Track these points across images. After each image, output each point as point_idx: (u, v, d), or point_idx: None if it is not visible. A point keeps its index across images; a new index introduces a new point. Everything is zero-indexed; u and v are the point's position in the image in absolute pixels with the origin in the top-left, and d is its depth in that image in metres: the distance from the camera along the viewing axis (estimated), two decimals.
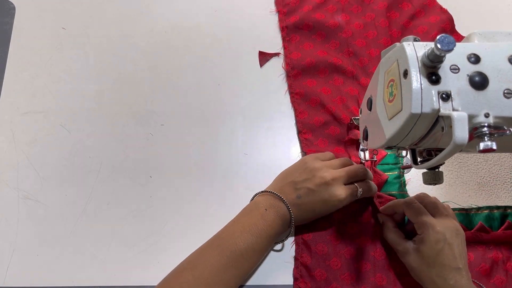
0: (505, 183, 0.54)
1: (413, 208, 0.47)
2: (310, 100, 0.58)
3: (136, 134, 0.57)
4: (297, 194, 0.48)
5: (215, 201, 0.54)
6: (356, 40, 0.61)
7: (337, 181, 0.48)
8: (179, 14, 0.63)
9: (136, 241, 0.52)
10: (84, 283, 0.50)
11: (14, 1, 0.64)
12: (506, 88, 0.34)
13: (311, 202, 0.48)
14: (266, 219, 0.47)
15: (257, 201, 0.49)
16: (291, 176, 0.50)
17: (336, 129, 0.57)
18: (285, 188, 0.49)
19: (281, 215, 0.48)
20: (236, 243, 0.45)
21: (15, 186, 0.54)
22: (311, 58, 0.60)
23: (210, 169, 0.56)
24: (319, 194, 0.47)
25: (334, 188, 0.48)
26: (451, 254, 0.44)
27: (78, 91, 0.59)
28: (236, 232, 0.46)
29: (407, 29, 0.62)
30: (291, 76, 0.60)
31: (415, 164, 0.43)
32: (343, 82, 0.59)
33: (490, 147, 0.32)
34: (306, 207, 0.48)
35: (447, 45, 0.31)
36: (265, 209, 0.48)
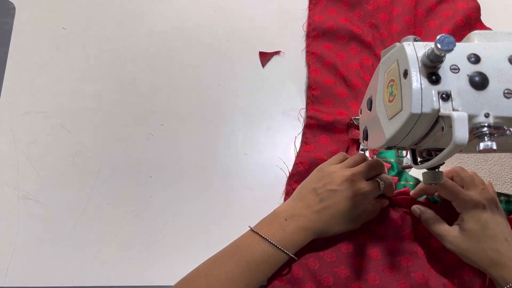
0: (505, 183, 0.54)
1: (447, 187, 0.46)
2: (324, 61, 0.59)
3: (136, 134, 0.57)
4: (319, 198, 0.47)
5: (215, 201, 0.54)
6: (380, 14, 0.62)
7: (357, 177, 0.47)
8: (179, 14, 0.63)
9: (136, 241, 0.52)
10: (84, 283, 0.50)
11: (14, 1, 0.63)
12: (506, 88, 0.33)
13: (336, 202, 0.46)
14: (285, 230, 0.46)
15: (276, 212, 0.48)
16: (310, 185, 0.49)
17: (344, 92, 0.57)
18: (306, 196, 0.48)
19: (303, 224, 0.46)
20: (253, 253, 0.45)
21: (15, 186, 0.54)
22: (333, 23, 0.61)
23: (210, 169, 0.56)
24: (342, 192, 0.46)
25: (356, 183, 0.46)
26: (497, 225, 0.44)
27: (78, 91, 0.59)
28: (253, 242, 0.45)
29: (432, 12, 0.62)
30: (311, 36, 0.61)
31: (415, 164, 0.43)
32: (359, 51, 0.60)
33: (490, 147, 0.32)
34: (331, 211, 0.46)
35: (447, 45, 0.31)
36: (285, 219, 0.47)
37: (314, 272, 0.49)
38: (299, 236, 0.46)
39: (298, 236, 0.46)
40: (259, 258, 0.44)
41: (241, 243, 0.47)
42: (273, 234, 0.46)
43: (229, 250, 0.47)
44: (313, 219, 0.46)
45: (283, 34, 0.63)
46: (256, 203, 0.54)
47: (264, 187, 0.55)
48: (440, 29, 0.61)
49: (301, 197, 0.48)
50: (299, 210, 0.47)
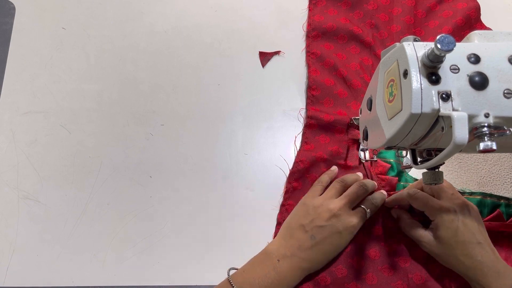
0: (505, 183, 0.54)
1: (417, 198, 0.47)
2: (324, 61, 0.59)
3: (136, 134, 0.57)
4: (309, 235, 0.46)
5: (215, 201, 0.54)
6: (380, 14, 0.62)
7: (344, 209, 0.47)
8: (179, 14, 0.63)
9: (136, 241, 0.52)
10: (84, 283, 0.50)
11: (14, 1, 0.63)
12: (506, 88, 0.33)
13: (327, 238, 0.46)
14: (278, 271, 0.45)
15: (268, 251, 0.48)
16: (296, 222, 0.49)
17: (344, 92, 0.58)
18: (295, 234, 0.47)
19: (295, 264, 0.46)
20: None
21: (15, 186, 0.54)
22: (333, 23, 0.61)
23: (210, 169, 0.56)
24: (332, 227, 0.47)
25: (344, 217, 0.47)
26: (467, 230, 0.44)
27: (78, 91, 0.59)
28: (245, 284, 0.45)
29: (432, 12, 0.63)
30: (310, 36, 0.61)
31: (415, 164, 0.43)
32: (359, 51, 0.60)
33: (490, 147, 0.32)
34: (324, 247, 0.47)
35: (447, 45, 0.31)
36: (278, 260, 0.46)
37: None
38: (293, 276, 0.46)
39: (291, 276, 0.46)
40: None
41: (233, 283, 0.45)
42: (265, 275, 0.45)
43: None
44: (306, 258, 0.46)
45: (283, 34, 0.63)
46: (256, 203, 0.54)
47: (264, 187, 0.55)
48: (440, 29, 0.61)
49: (290, 235, 0.48)
50: (291, 249, 0.46)
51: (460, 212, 0.45)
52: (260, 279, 0.45)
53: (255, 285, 0.44)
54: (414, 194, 0.48)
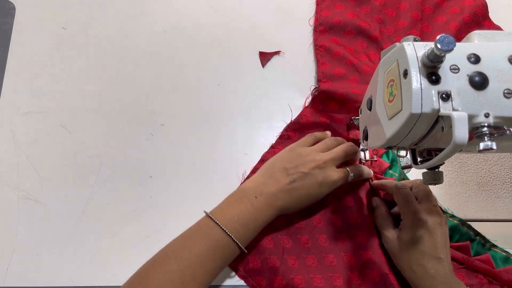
0: (505, 183, 0.54)
1: (401, 193, 0.48)
2: (333, 52, 0.59)
3: (136, 134, 0.57)
4: (290, 179, 0.47)
5: (215, 201, 0.54)
6: (387, 9, 0.62)
7: (329, 164, 0.48)
8: (179, 14, 0.63)
9: (136, 241, 0.52)
10: (84, 283, 0.50)
11: (14, 1, 0.64)
12: (506, 88, 0.34)
13: (306, 185, 0.47)
14: (255, 207, 0.46)
15: (245, 188, 0.48)
16: (280, 164, 0.49)
17: (356, 79, 0.58)
18: (276, 174, 0.48)
19: (272, 202, 0.47)
20: (223, 232, 0.45)
21: (15, 186, 0.54)
22: (340, 18, 0.61)
23: (210, 169, 0.56)
24: (314, 176, 0.47)
25: (327, 170, 0.48)
26: (431, 242, 0.44)
27: (78, 91, 0.59)
28: (223, 221, 0.45)
29: (440, 8, 0.63)
30: (318, 31, 0.61)
31: (415, 164, 0.43)
32: (366, 46, 0.60)
33: (490, 147, 0.32)
34: (300, 192, 0.47)
35: (447, 45, 0.31)
36: (255, 197, 0.47)
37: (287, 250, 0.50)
38: (268, 213, 0.47)
39: (266, 212, 0.47)
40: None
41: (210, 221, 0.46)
42: (242, 212, 0.46)
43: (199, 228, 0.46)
44: (282, 198, 0.47)
45: (283, 34, 0.63)
46: None
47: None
48: (448, 25, 0.61)
49: (270, 174, 0.49)
50: (269, 187, 0.47)
51: (431, 223, 0.45)
52: (239, 215, 0.45)
53: (234, 222, 0.45)
54: (400, 187, 0.48)
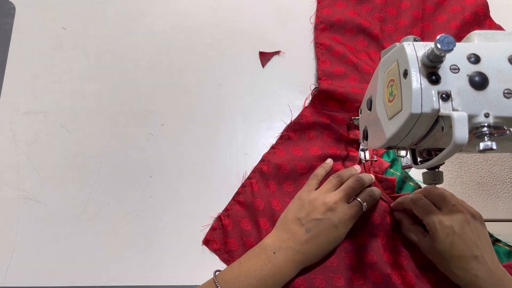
0: (505, 183, 0.54)
1: (419, 206, 0.47)
2: (333, 50, 0.59)
3: (136, 134, 0.57)
4: (305, 229, 0.47)
5: (215, 201, 0.54)
6: (388, 8, 0.62)
7: (340, 203, 0.47)
8: (179, 14, 0.63)
9: (136, 241, 0.52)
10: (84, 283, 0.50)
11: (14, 1, 0.64)
12: (506, 88, 0.33)
13: (322, 231, 0.47)
14: (274, 263, 0.45)
15: (264, 244, 0.48)
16: (292, 215, 0.49)
17: (356, 78, 0.58)
18: (291, 227, 0.48)
19: (291, 256, 0.46)
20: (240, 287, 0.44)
21: (15, 186, 0.54)
22: (341, 16, 0.61)
23: (210, 169, 0.56)
24: (328, 221, 0.47)
25: (339, 210, 0.47)
26: (463, 245, 0.44)
27: (78, 91, 0.59)
28: (241, 276, 0.45)
29: (441, 6, 0.63)
30: (318, 29, 0.61)
31: (415, 164, 0.43)
32: (367, 44, 0.60)
33: (490, 147, 0.32)
34: (319, 240, 0.47)
35: (447, 45, 0.31)
36: (273, 252, 0.46)
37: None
38: (288, 269, 0.46)
39: (287, 268, 0.46)
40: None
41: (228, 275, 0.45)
42: (260, 268, 0.45)
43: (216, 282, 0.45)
44: (302, 251, 0.46)
45: (283, 34, 0.63)
46: None
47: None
48: (448, 24, 0.61)
49: (285, 228, 0.48)
50: (287, 242, 0.47)
51: (458, 226, 0.45)
52: (256, 271, 0.45)
53: (251, 277, 0.44)
54: (417, 200, 0.48)
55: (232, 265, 0.47)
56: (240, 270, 0.45)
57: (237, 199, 0.54)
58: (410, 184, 0.55)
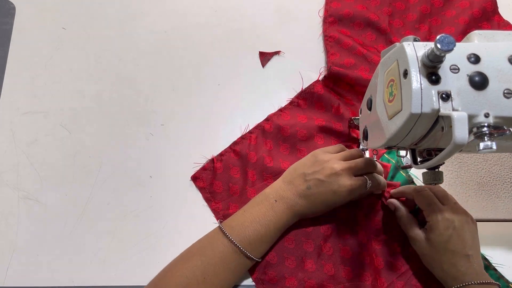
0: (505, 183, 0.54)
1: (422, 195, 0.48)
2: (342, 42, 0.59)
3: (136, 134, 0.57)
4: (307, 185, 0.48)
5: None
6: (397, 2, 0.63)
7: (346, 172, 0.48)
8: (179, 14, 0.63)
9: (136, 241, 0.52)
10: (84, 283, 0.50)
11: (14, 1, 0.64)
12: (506, 88, 0.33)
13: (321, 192, 0.48)
14: (275, 210, 0.48)
15: (266, 193, 0.50)
16: (301, 169, 0.50)
17: (366, 68, 0.58)
18: (295, 180, 0.49)
19: (290, 206, 0.48)
20: (245, 232, 0.46)
21: (15, 186, 0.54)
22: (349, 9, 0.61)
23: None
24: (329, 184, 0.48)
25: (343, 178, 0.48)
26: (460, 241, 0.45)
27: (78, 91, 0.59)
28: (245, 222, 0.47)
29: (449, 2, 0.63)
30: (327, 22, 0.62)
31: (415, 164, 0.43)
32: (375, 38, 0.61)
33: (490, 147, 0.32)
34: (316, 198, 0.48)
35: (447, 45, 0.31)
36: (275, 200, 0.48)
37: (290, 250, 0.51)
38: (287, 216, 0.48)
39: (286, 216, 0.48)
40: (251, 237, 0.46)
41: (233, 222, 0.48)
42: (263, 214, 0.48)
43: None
44: (299, 203, 0.48)
45: (283, 34, 0.63)
46: None
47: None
48: (457, 19, 0.61)
49: (290, 180, 0.50)
50: (288, 193, 0.49)
51: (458, 222, 0.46)
52: (259, 217, 0.47)
53: (256, 223, 0.47)
54: (421, 190, 0.48)
55: (237, 213, 0.49)
56: (245, 217, 0.48)
57: (233, 147, 0.56)
58: (402, 174, 0.55)
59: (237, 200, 0.53)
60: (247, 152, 0.55)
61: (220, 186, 0.54)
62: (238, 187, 0.54)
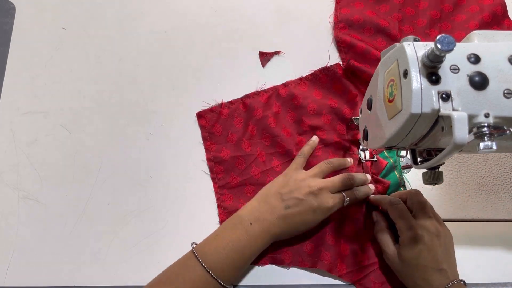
0: (505, 183, 0.54)
1: (395, 209, 0.48)
2: (356, 46, 0.59)
3: (136, 134, 0.57)
4: (285, 205, 0.47)
5: (215, 201, 0.54)
6: (407, 8, 0.62)
7: (324, 191, 0.48)
8: (179, 14, 0.63)
9: (136, 241, 0.52)
10: (84, 283, 0.50)
11: (14, 1, 0.64)
12: (506, 88, 0.34)
13: (301, 212, 0.47)
14: (250, 234, 0.46)
15: (240, 215, 0.48)
16: (275, 189, 0.49)
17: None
18: (271, 200, 0.48)
19: (266, 228, 0.46)
20: (218, 259, 0.44)
21: (15, 186, 0.54)
22: (359, 15, 0.61)
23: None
24: (308, 203, 0.47)
25: (322, 196, 0.47)
26: (431, 256, 0.44)
27: (78, 91, 0.59)
28: (218, 248, 0.45)
29: (459, 6, 0.63)
30: (337, 28, 0.62)
31: (415, 164, 0.43)
32: (385, 44, 0.61)
33: (490, 147, 0.32)
34: (295, 219, 0.47)
35: (447, 45, 0.31)
36: (250, 223, 0.46)
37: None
38: (262, 240, 0.46)
39: (261, 240, 0.46)
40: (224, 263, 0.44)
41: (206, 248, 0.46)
42: (237, 238, 0.45)
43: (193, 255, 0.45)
44: (276, 224, 0.47)
45: (283, 34, 0.62)
46: None
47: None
48: (467, 23, 0.61)
49: (265, 200, 0.48)
50: (264, 214, 0.47)
51: (428, 236, 0.45)
52: (233, 242, 0.45)
53: (228, 249, 0.45)
54: (394, 203, 0.48)
55: (209, 238, 0.47)
56: (218, 242, 0.46)
57: (244, 99, 0.57)
58: (395, 175, 0.55)
59: (231, 147, 0.55)
60: (255, 107, 0.57)
61: (220, 130, 0.56)
62: (235, 136, 0.56)
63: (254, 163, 0.55)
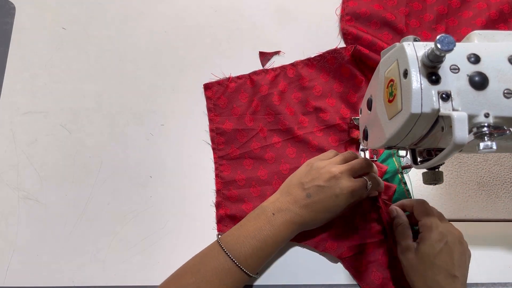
0: (505, 183, 0.54)
1: (422, 206, 0.47)
2: (362, 38, 0.59)
3: (136, 134, 0.57)
4: (306, 193, 0.47)
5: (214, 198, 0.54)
6: (414, 2, 0.63)
7: (345, 174, 0.47)
8: (179, 14, 0.63)
9: (136, 241, 0.52)
10: (84, 283, 0.50)
11: (14, 1, 0.64)
12: (506, 88, 0.34)
13: (322, 199, 0.47)
14: (273, 224, 0.46)
15: (263, 206, 0.48)
16: (297, 179, 0.49)
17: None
18: (293, 190, 0.48)
19: (290, 218, 0.47)
20: (241, 248, 0.45)
21: (15, 186, 0.54)
22: (366, 8, 0.62)
23: (210, 169, 0.56)
24: (330, 189, 0.47)
25: (343, 181, 0.47)
26: (449, 258, 0.43)
27: (78, 91, 0.59)
28: (241, 237, 0.45)
29: (467, 2, 0.63)
30: (344, 20, 0.62)
31: (415, 164, 0.43)
32: (391, 38, 0.61)
33: (490, 147, 0.32)
34: (318, 206, 0.47)
35: (447, 45, 0.31)
36: (273, 214, 0.47)
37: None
38: (287, 230, 0.47)
39: (285, 230, 0.46)
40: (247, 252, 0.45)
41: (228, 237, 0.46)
42: (260, 228, 0.46)
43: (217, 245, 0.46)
44: (299, 214, 0.47)
45: (283, 34, 0.62)
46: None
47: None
48: (474, 20, 0.61)
49: (288, 191, 0.49)
50: (286, 204, 0.47)
51: (452, 239, 0.44)
52: (255, 232, 0.46)
53: (250, 238, 0.45)
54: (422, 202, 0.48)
55: (233, 229, 0.48)
56: (241, 232, 0.46)
57: (251, 76, 0.59)
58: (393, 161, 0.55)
59: (234, 120, 0.57)
60: (261, 84, 0.58)
61: (225, 103, 0.57)
62: (239, 110, 0.57)
63: (255, 138, 0.56)
